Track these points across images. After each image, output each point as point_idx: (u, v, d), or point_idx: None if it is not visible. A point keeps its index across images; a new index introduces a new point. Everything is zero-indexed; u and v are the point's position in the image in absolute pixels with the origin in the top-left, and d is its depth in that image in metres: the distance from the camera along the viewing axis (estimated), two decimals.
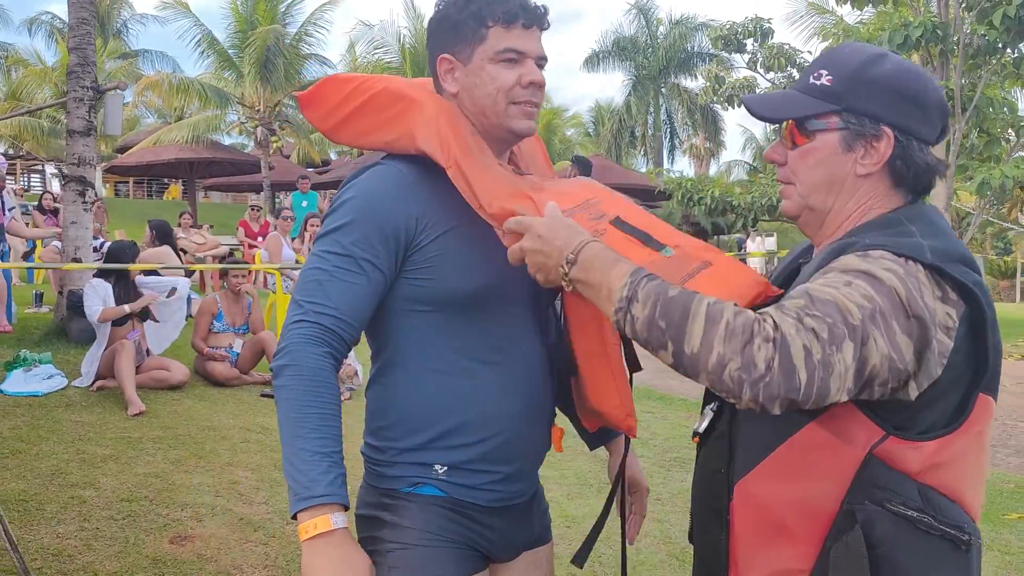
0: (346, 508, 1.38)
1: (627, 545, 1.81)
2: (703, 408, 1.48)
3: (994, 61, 9.91)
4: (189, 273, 10.81)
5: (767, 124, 1.57)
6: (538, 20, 1.56)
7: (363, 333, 1.58)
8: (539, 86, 1.56)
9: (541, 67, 1.57)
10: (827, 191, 1.37)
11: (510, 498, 1.62)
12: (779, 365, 1.11)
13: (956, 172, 10.40)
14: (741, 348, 1.12)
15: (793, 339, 1.12)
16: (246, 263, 8.30)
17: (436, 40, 1.60)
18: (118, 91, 7.67)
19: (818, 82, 1.36)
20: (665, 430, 6.08)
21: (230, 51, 24.35)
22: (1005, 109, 10.43)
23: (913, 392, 1.21)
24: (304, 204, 12.13)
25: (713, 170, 40.58)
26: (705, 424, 1.43)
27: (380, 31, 25.34)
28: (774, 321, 1.14)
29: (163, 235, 8.98)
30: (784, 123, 1.41)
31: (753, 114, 1.40)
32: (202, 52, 24.49)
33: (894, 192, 1.36)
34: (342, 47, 31.70)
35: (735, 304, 1.18)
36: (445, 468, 1.55)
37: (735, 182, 19.61)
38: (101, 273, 6.19)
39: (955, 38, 9.83)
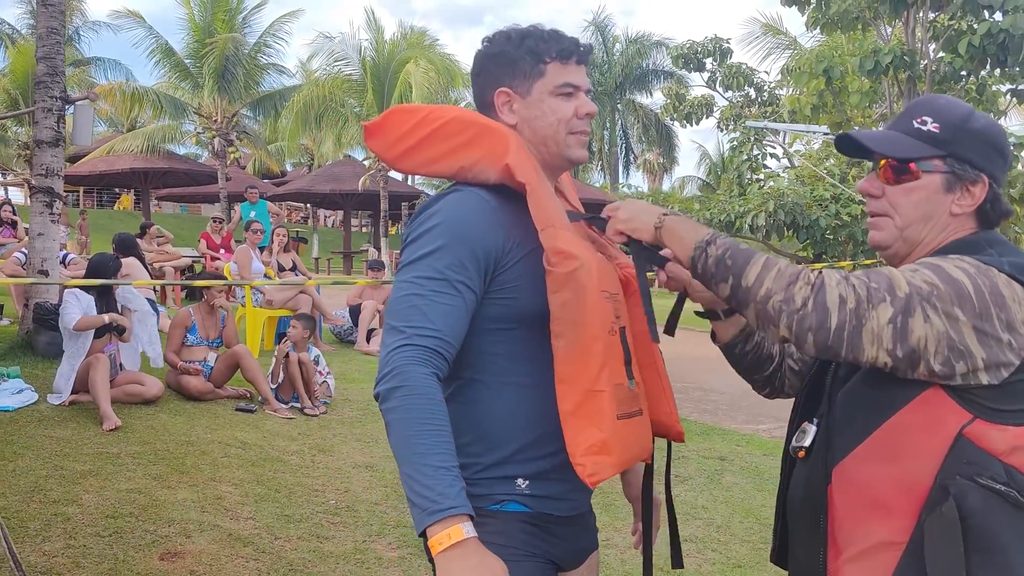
0: (473, 518, 1.41)
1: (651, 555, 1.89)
2: (797, 422, 1.59)
3: (958, 87, 10.28)
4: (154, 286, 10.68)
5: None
6: (586, 57, 1.70)
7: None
8: (592, 116, 1.69)
9: (588, 96, 1.70)
10: (924, 225, 1.51)
11: (580, 506, 1.70)
12: (814, 304, 1.33)
13: None
14: (786, 286, 1.36)
15: (831, 288, 1.34)
16: (222, 277, 8.22)
17: (491, 74, 1.70)
18: (88, 101, 7.57)
19: (924, 127, 1.51)
20: None
21: (187, 61, 24.07)
22: None
23: (984, 378, 1.33)
24: (252, 215, 12.07)
25: (666, 185, 41.18)
26: (810, 439, 1.53)
27: (341, 43, 25.24)
28: (821, 272, 1.36)
29: (125, 248, 8.82)
30: (881, 161, 1.54)
31: (864, 149, 1.56)
32: (157, 62, 24.20)
33: (973, 228, 1.52)
34: (302, 58, 31.53)
35: None
36: (528, 482, 1.60)
37: (692, 197, 19.90)
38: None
39: (922, 65, 10.18)
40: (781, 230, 12.46)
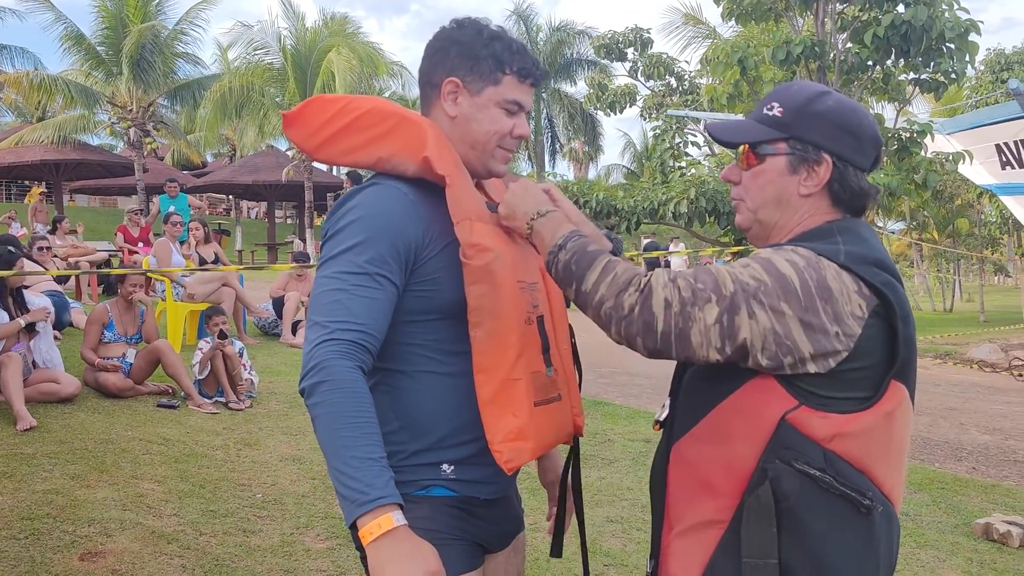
0: (402, 507, 1.43)
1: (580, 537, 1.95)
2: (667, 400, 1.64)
3: (865, 77, 10.63)
4: (65, 280, 10.35)
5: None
6: (540, 81, 1.73)
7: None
8: (524, 138, 1.73)
9: (527, 118, 1.74)
10: (774, 207, 1.56)
11: (504, 489, 1.74)
12: (640, 310, 1.38)
13: None
14: (616, 293, 1.40)
15: (657, 292, 1.38)
16: (140, 270, 8.00)
17: (449, 59, 1.69)
18: None
19: (770, 112, 1.55)
20: None
21: (99, 48, 23.23)
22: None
23: (812, 368, 1.38)
24: (172, 209, 11.81)
25: (592, 174, 41.60)
26: (666, 413, 1.60)
27: (260, 32, 24.69)
28: (651, 276, 1.41)
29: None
30: (741, 148, 1.58)
31: (716, 140, 1.60)
32: (67, 49, 23.29)
33: (833, 210, 1.56)
34: (221, 45, 30.57)
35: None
36: (452, 467, 1.64)
37: (617, 185, 20.15)
38: None
39: (831, 55, 10.51)
40: (703, 217, 12.70)
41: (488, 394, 1.58)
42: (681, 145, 15.22)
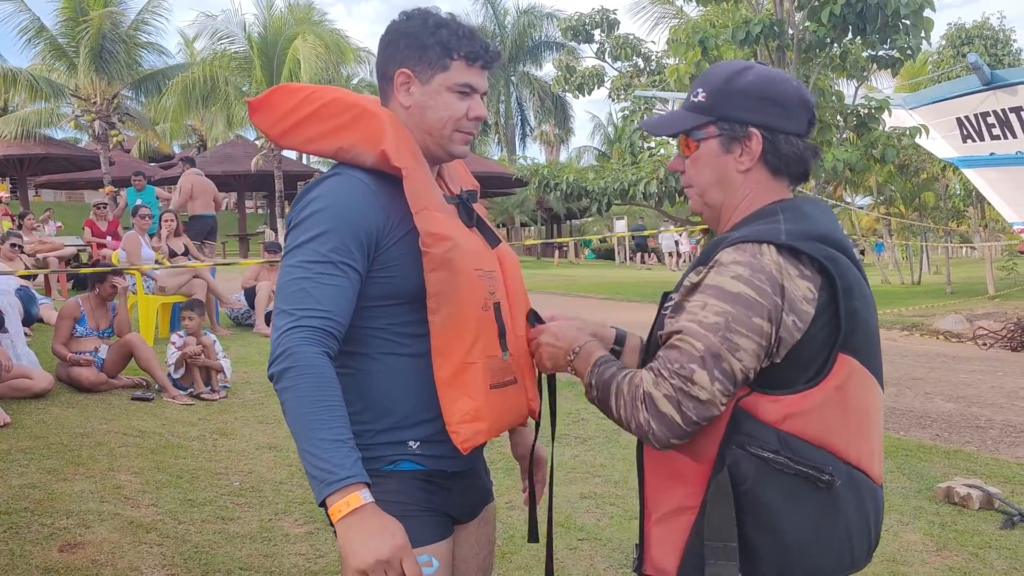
0: (370, 486, 1.49)
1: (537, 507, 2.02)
2: None
3: (823, 55, 10.75)
4: (33, 276, 10.27)
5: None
6: (492, 63, 1.77)
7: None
8: (481, 120, 1.77)
9: (483, 100, 1.78)
10: (717, 188, 1.63)
11: (472, 461, 1.82)
12: (656, 421, 1.46)
13: None
14: (633, 414, 1.50)
15: (657, 397, 1.46)
16: (114, 266, 7.98)
17: (399, 52, 1.74)
18: None
19: (695, 99, 1.63)
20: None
21: (60, 39, 22.86)
22: (834, 98, 11.34)
23: (777, 359, 1.46)
24: (139, 202, 11.73)
25: (564, 156, 41.65)
26: None
27: (224, 21, 24.43)
28: (642, 381, 1.49)
29: None
30: (679, 137, 1.66)
31: (652, 134, 1.69)
32: (28, 40, 22.90)
33: (775, 181, 1.62)
34: (186, 36, 30.25)
35: (627, 371, 1.56)
36: (419, 443, 1.71)
37: (588, 167, 20.20)
38: None
39: (790, 34, 10.61)
40: (672, 196, 12.80)
41: (445, 376, 1.66)
42: None
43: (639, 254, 31.54)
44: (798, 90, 1.61)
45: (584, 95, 17.19)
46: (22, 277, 8.90)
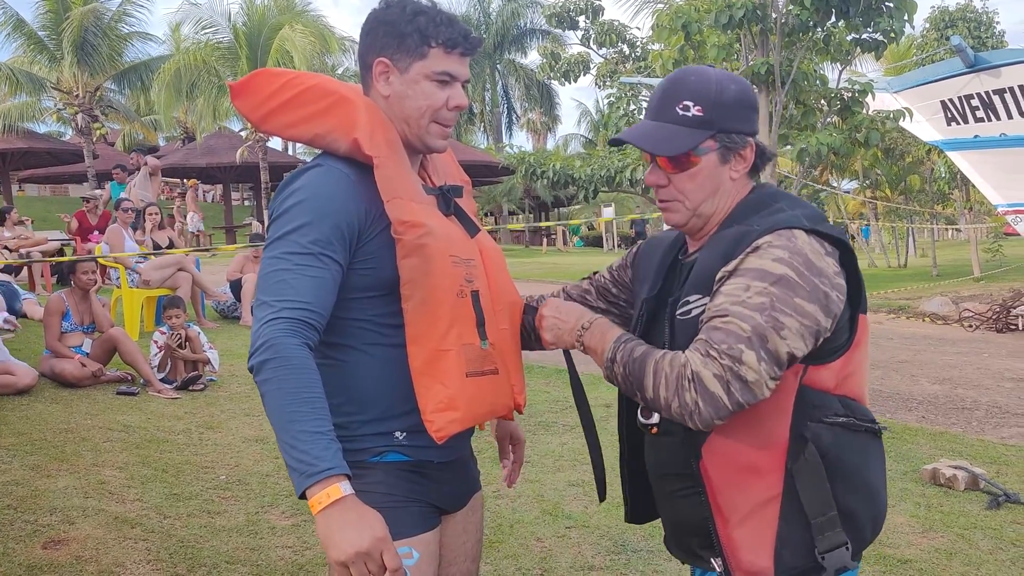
0: (350, 478, 1.48)
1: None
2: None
3: (806, 38, 10.73)
4: (15, 270, 10.19)
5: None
6: (472, 50, 1.74)
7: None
8: (462, 109, 1.74)
9: (464, 89, 1.75)
10: (712, 199, 1.65)
11: (459, 451, 1.81)
12: (703, 400, 1.44)
13: (778, 141, 11.23)
14: (675, 391, 1.46)
15: (705, 375, 1.43)
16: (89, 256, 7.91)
17: (377, 40, 1.72)
18: None
19: (689, 113, 1.61)
20: (528, 396, 6.34)
21: (40, 33, 22.64)
22: (817, 82, 11.34)
23: (827, 334, 1.51)
24: (123, 195, 11.64)
25: (550, 144, 41.59)
26: (658, 416, 1.66)
27: (208, 10, 24.23)
28: (689, 360, 1.46)
29: None
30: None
31: (646, 151, 1.64)
32: (7, 35, 22.69)
33: (748, 179, 1.70)
34: (170, 25, 30.05)
35: (665, 351, 1.53)
36: (404, 433, 1.69)
37: (574, 155, 20.18)
38: None
39: (773, 18, 10.58)
40: None
41: (419, 364, 1.64)
42: (636, 112, 15.27)
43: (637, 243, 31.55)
44: (754, 95, 1.71)
45: (570, 82, 17.18)
46: (5, 272, 8.83)
